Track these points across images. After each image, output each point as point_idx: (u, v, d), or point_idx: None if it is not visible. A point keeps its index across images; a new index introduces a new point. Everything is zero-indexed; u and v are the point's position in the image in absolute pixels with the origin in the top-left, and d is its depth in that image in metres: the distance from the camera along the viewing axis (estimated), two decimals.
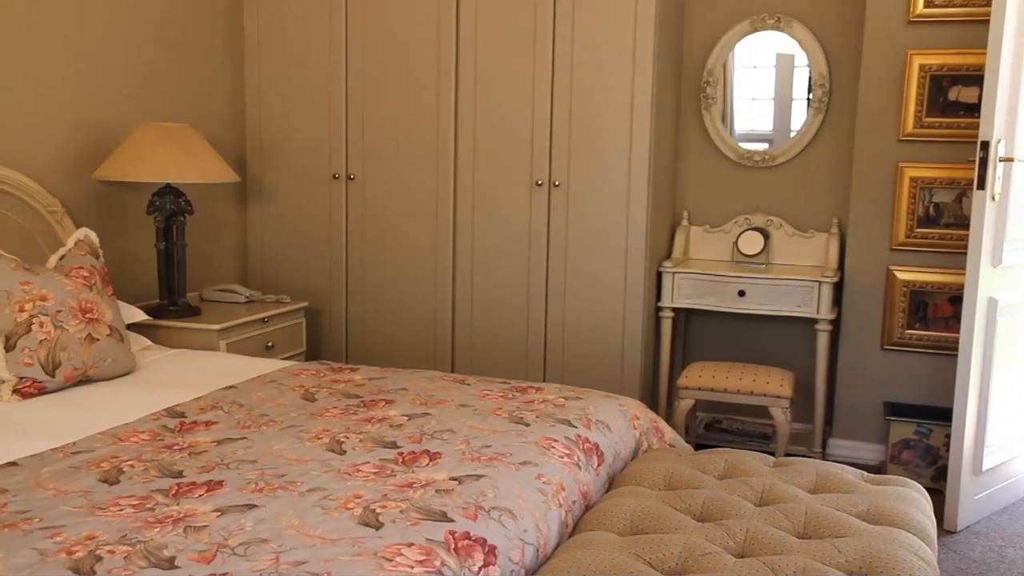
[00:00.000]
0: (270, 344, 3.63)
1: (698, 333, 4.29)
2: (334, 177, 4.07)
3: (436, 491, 1.84)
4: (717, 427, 4.15)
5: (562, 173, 3.75)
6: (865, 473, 2.30)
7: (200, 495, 1.80)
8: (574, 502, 2.06)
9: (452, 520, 1.71)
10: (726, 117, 4.15)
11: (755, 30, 4.01)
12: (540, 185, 3.78)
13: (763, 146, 4.11)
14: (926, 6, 3.59)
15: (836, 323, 3.83)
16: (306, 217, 4.15)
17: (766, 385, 3.55)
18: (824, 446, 3.90)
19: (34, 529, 1.61)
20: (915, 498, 2.10)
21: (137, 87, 3.62)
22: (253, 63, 4.15)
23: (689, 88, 4.14)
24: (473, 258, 3.92)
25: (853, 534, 1.85)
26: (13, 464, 1.95)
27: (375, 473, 1.94)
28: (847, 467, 2.31)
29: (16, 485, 1.83)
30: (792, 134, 4.06)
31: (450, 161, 3.89)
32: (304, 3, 4.02)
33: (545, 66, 3.71)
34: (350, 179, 4.05)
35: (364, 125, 4.00)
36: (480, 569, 1.61)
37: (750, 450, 2.53)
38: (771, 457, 2.38)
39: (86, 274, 2.78)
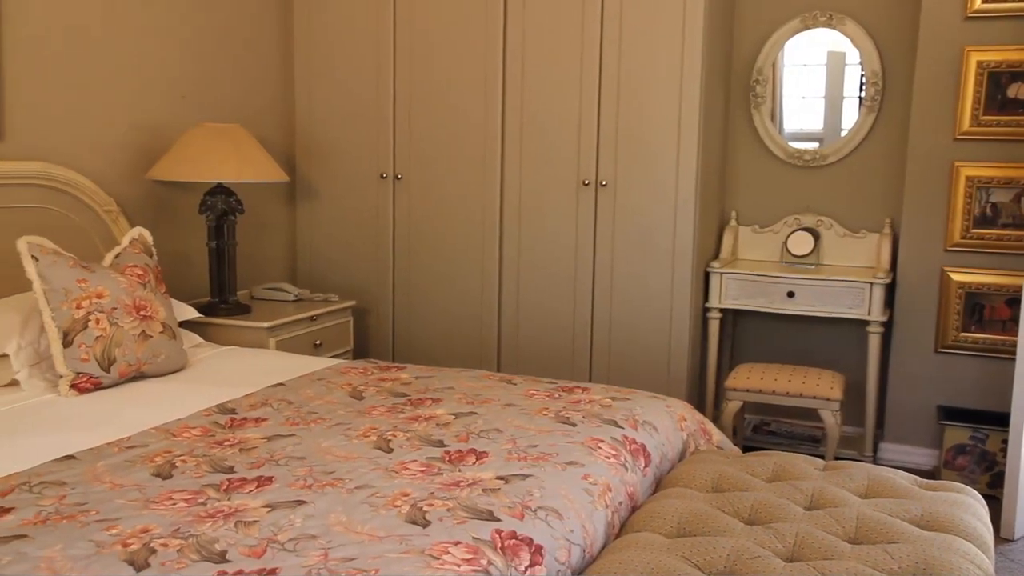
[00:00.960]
0: (318, 342, 3.67)
1: (746, 334, 4.25)
2: (382, 177, 4.10)
3: (483, 490, 1.84)
4: (765, 429, 4.11)
5: (609, 172, 3.74)
6: (918, 478, 2.25)
7: (250, 491, 1.82)
8: (620, 503, 2.05)
9: (498, 519, 1.71)
10: (775, 116, 4.10)
11: (806, 27, 3.96)
12: (587, 185, 3.77)
13: (813, 145, 4.06)
14: (984, 1, 3.51)
15: (887, 325, 3.76)
16: (354, 217, 4.18)
17: (816, 387, 3.50)
18: (875, 450, 3.83)
19: (91, 521, 1.65)
20: (971, 504, 2.06)
21: (190, 88, 3.68)
22: (303, 64, 4.20)
23: (738, 87, 4.11)
24: (519, 257, 3.93)
25: (906, 540, 1.81)
26: (71, 457, 2.00)
27: (422, 471, 1.95)
28: (899, 472, 2.27)
29: (74, 478, 1.87)
30: (843, 133, 4.00)
31: (497, 160, 3.90)
32: (353, 4, 4.05)
33: (592, 65, 3.70)
34: (397, 179, 4.08)
35: (412, 125, 4.03)
36: (526, 569, 1.61)
37: (799, 453, 2.50)
38: (820, 460, 2.35)
39: (140, 272, 2.83)
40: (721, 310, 3.89)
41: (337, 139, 4.17)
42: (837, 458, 3.58)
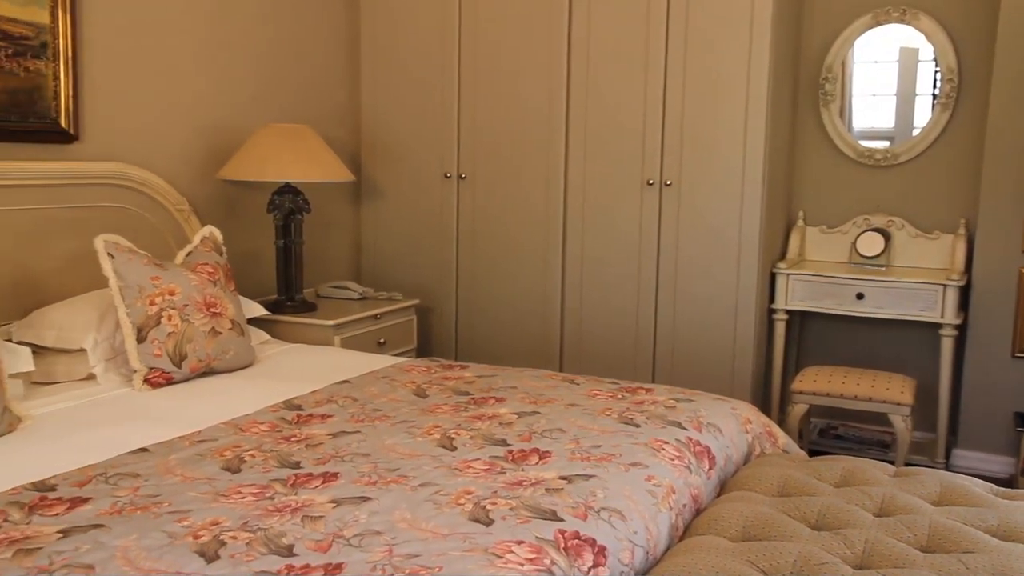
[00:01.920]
0: (382, 340, 3.70)
1: (812, 336, 4.17)
2: (446, 176, 4.12)
3: (546, 490, 1.84)
4: (832, 433, 4.03)
5: (674, 172, 3.70)
6: (994, 486, 2.18)
7: (316, 486, 1.85)
8: (684, 505, 2.03)
9: (562, 519, 1.70)
10: (845, 114, 4.02)
11: (878, 23, 3.87)
12: (651, 184, 3.74)
13: (884, 144, 3.97)
14: None
15: (961, 328, 3.66)
16: (418, 216, 4.22)
17: (886, 391, 3.42)
18: (948, 457, 3.73)
19: (164, 512, 1.69)
20: None
21: (260, 90, 3.75)
22: (368, 65, 4.24)
23: (807, 84, 4.04)
24: (582, 257, 3.91)
25: (982, 550, 1.76)
26: (144, 450, 2.05)
27: (485, 470, 1.95)
28: (974, 479, 2.20)
29: (147, 470, 1.92)
30: (916, 131, 3.91)
31: (561, 160, 3.89)
32: (418, 5, 4.09)
33: (658, 63, 3.67)
34: (461, 178, 4.10)
35: (476, 125, 4.04)
36: (590, 569, 1.60)
37: (867, 458, 2.44)
38: (891, 466, 2.30)
39: (211, 270, 2.89)
40: (787, 311, 3.83)
41: (402, 139, 4.21)
42: (908, 464, 3.49)
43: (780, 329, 3.84)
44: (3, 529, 1.60)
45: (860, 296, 3.67)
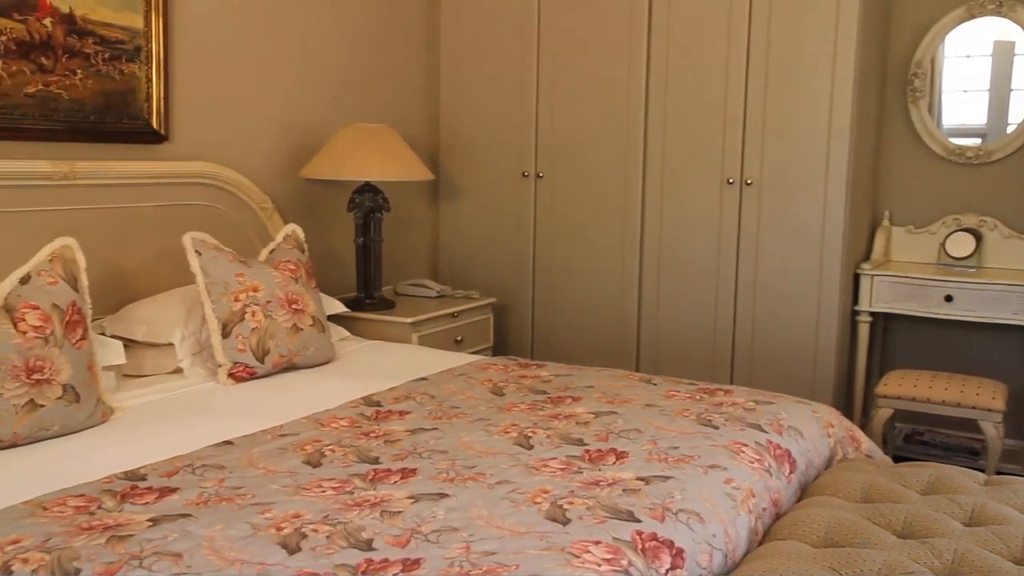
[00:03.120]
0: (459, 338, 3.73)
1: (897, 339, 4.06)
2: (523, 175, 4.13)
3: (623, 490, 1.83)
4: (917, 439, 3.92)
5: (755, 171, 3.64)
6: None
7: (395, 481, 1.87)
8: (764, 509, 2.00)
9: (639, 520, 1.69)
10: (934, 110, 3.90)
11: (971, 16, 3.75)
12: (731, 183, 3.69)
13: (976, 141, 3.84)
14: None
15: None
16: (495, 214, 4.23)
17: (975, 397, 3.31)
18: None
19: (247, 504, 1.73)
20: None
21: (342, 90, 3.82)
22: (448, 64, 4.28)
23: (894, 81, 3.93)
24: (660, 257, 3.88)
25: None
26: (229, 443, 2.10)
27: (562, 469, 1.95)
28: None
29: (232, 462, 1.97)
30: (1011, 128, 3.77)
31: (639, 159, 3.86)
32: (498, 5, 4.10)
33: (740, 59, 3.62)
34: (539, 177, 4.10)
35: (554, 123, 4.04)
36: (667, 572, 1.59)
37: (955, 465, 2.37)
38: (981, 474, 2.22)
39: (293, 267, 2.95)
40: (871, 313, 3.73)
41: (480, 138, 4.23)
42: (999, 472, 3.37)
43: (864, 331, 3.75)
44: (97, 516, 1.66)
45: (949, 298, 3.55)
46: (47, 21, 2.70)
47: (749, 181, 3.65)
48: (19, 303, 2.18)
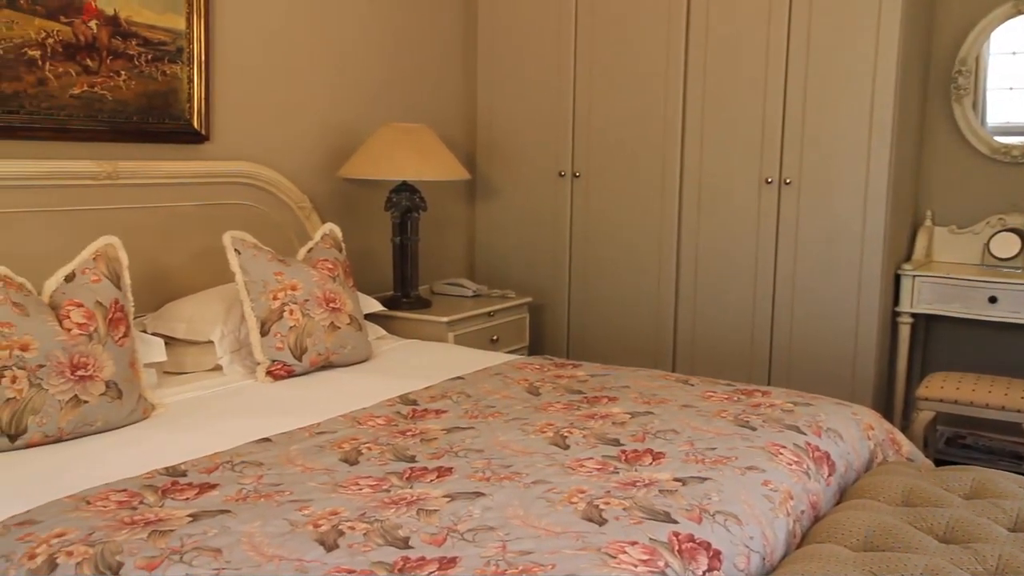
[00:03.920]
0: (495, 337, 3.73)
1: (939, 341, 4.00)
2: (560, 175, 4.13)
3: (659, 491, 1.82)
4: (960, 442, 3.85)
5: (793, 170, 3.61)
6: None
7: (431, 480, 1.87)
8: (802, 512, 1.98)
9: (676, 521, 1.68)
10: (978, 108, 3.83)
11: (1018, 13, 3.68)
12: (770, 183, 3.65)
13: (1021, 139, 3.76)
14: None
15: None
16: (531, 214, 4.23)
17: (1021, 399, 3.25)
18: None
19: (285, 501, 1.74)
20: None
21: (379, 90, 3.84)
22: (485, 64, 4.28)
23: (938, 78, 3.86)
24: (697, 257, 3.85)
25: None
26: (267, 440, 2.12)
27: (598, 469, 1.95)
28: None
29: (270, 459, 1.98)
30: None
31: (676, 158, 3.84)
32: (535, 5, 4.10)
33: (779, 57, 3.58)
34: (576, 177, 4.09)
35: (590, 123, 4.03)
36: (704, 574, 1.58)
37: (999, 470, 2.32)
38: None
39: (330, 266, 2.97)
40: (912, 315, 3.68)
41: (516, 138, 4.23)
42: None
43: (904, 333, 3.70)
44: (139, 511, 1.68)
45: (993, 300, 3.49)
46: (92, 23, 2.75)
47: (788, 180, 3.62)
48: (64, 300, 2.22)
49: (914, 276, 3.63)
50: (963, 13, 3.79)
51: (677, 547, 1.60)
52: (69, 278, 2.26)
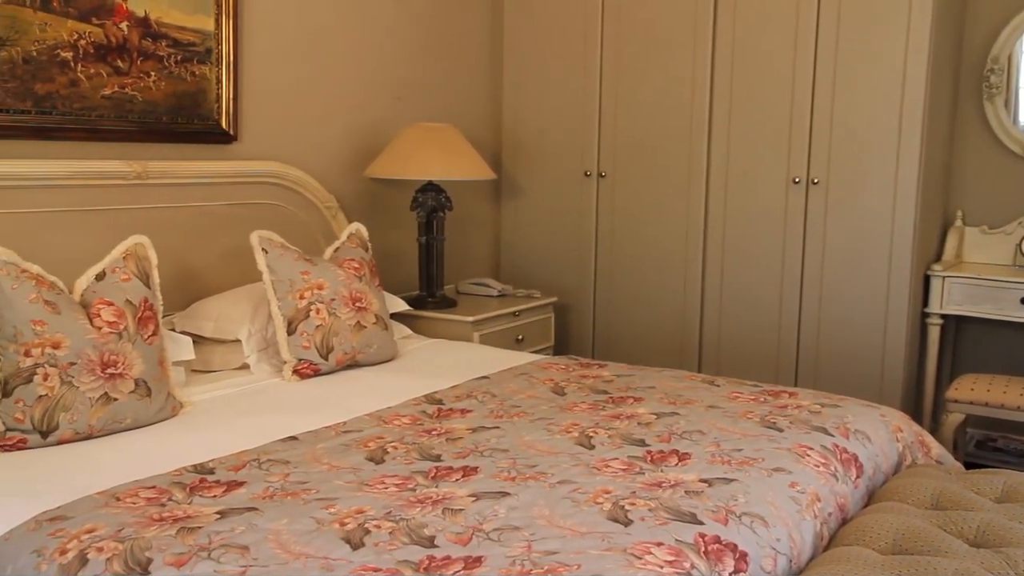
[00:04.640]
0: (520, 337, 3.73)
1: (969, 342, 3.95)
2: (586, 175, 4.12)
3: (685, 492, 1.81)
4: (990, 445, 3.81)
5: (821, 170, 3.58)
6: None
7: (457, 479, 1.88)
8: (830, 514, 1.96)
9: (702, 523, 1.67)
10: (1011, 107, 3.78)
11: None
12: (797, 183, 3.63)
13: None
14: None
15: None
16: (557, 214, 4.23)
17: None
18: None
19: (312, 499, 1.75)
20: None
21: (406, 90, 3.85)
22: (511, 64, 4.28)
23: (969, 77, 3.82)
24: (723, 257, 3.83)
25: None
26: (293, 438, 2.14)
27: (623, 470, 1.94)
28: None
29: (296, 458, 2.00)
30: None
31: (703, 158, 3.82)
32: (561, 5, 4.09)
33: (807, 56, 3.55)
34: (601, 176, 4.09)
35: (616, 122, 4.02)
36: (730, 575, 1.57)
37: None
38: None
39: (357, 265, 2.98)
40: (942, 316, 3.64)
41: (542, 138, 4.23)
42: None
43: (934, 334, 3.66)
44: (168, 508, 1.70)
45: None
46: (123, 25, 2.78)
47: (816, 180, 3.59)
48: (94, 299, 2.24)
49: (944, 277, 3.59)
50: (995, 11, 3.74)
51: (703, 548, 1.59)
52: (100, 277, 2.29)
